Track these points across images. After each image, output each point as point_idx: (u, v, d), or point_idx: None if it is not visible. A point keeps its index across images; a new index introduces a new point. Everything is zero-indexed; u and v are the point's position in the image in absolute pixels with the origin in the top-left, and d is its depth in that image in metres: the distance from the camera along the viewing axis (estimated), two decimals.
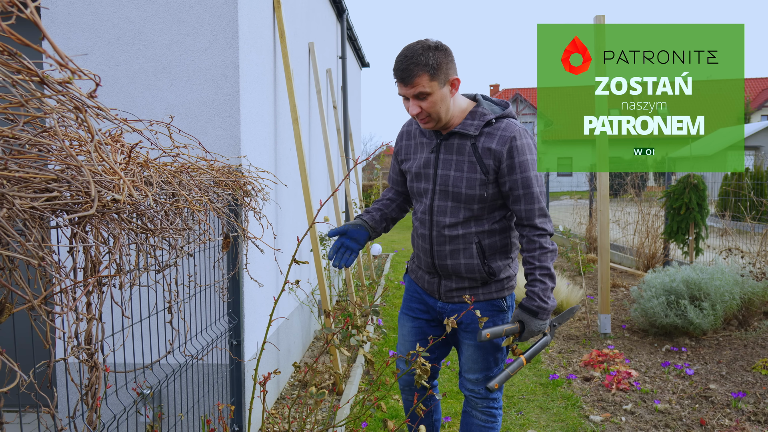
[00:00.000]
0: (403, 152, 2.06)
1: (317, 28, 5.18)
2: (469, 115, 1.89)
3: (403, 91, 1.77)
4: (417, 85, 1.73)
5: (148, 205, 1.36)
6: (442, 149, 1.91)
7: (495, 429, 2.10)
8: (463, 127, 1.86)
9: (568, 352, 4.33)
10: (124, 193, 1.15)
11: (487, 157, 1.83)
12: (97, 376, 1.36)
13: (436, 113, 1.80)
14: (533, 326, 1.82)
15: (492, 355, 2.01)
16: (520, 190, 1.83)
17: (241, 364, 2.66)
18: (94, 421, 1.40)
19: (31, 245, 1.01)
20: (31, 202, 1.03)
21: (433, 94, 1.75)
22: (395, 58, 1.78)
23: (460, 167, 1.86)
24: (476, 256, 1.91)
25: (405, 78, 1.73)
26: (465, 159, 1.86)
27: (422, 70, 1.71)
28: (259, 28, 3.14)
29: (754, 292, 4.40)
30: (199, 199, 1.69)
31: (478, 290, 1.97)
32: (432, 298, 2.07)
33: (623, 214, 8.66)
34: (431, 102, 1.77)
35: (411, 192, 2.05)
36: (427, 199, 1.94)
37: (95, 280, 1.29)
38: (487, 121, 1.86)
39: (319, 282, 3.58)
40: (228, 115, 2.74)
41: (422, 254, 2.00)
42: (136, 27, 2.72)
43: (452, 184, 1.87)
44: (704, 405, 3.27)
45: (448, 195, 1.89)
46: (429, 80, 1.73)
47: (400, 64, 1.74)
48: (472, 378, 2.04)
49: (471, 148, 1.85)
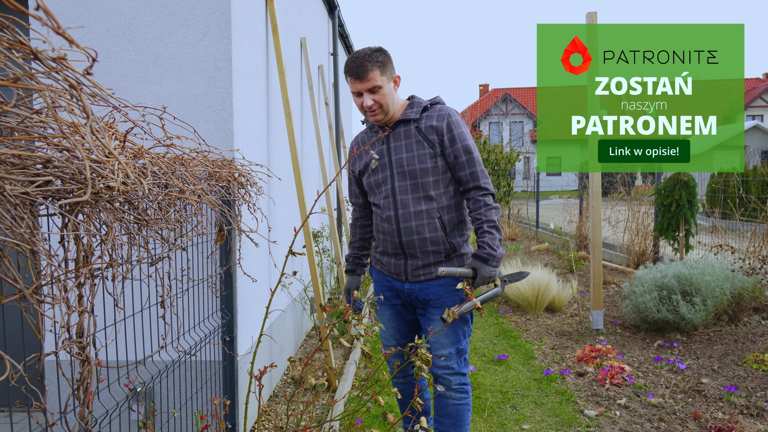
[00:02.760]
0: (356, 161, 2.30)
1: (309, 24, 5.14)
2: (408, 107, 2.21)
3: (358, 86, 2.05)
4: (371, 79, 2.02)
5: (142, 194, 1.33)
6: (391, 139, 2.18)
7: (468, 406, 2.22)
8: (406, 115, 2.16)
9: (561, 347, 4.34)
10: (118, 179, 1.11)
11: (431, 133, 2.12)
12: (89, 370, 1.33)
13: (386, 104, 2.09)
14: (485, 272, 2.01)
15: (461, 328, 2.17)
16: (462, 157, 2.11)
17: (234, 361, 2.62)
18: (86, 416, 1.36)
19: (22, 232, 0.98)
20: (22, 187, 1.00)
21: (383, 87, 2.06)
22: (347, 61, 2.08)
23: (410, 148, 2.13)
24: (439, 229, 2.13)
25: (360, 73, 2.02)
26: (412, 140, 2.13)
27: (374, 66, 2.02)
28: (252, 21, 3.10)
29: (744, 288, 4.43)
30: (193, 190, 1.66)
31: (443, 265, 2.15)
32: (399, 282, 2.25)
33: (613, 212, 8.71)
34: (381, 94, 2.06)
35: (370, 188, 2.25)
36: (388, 185, 2.17)
37: (87, 271, 1.26)
38: (424, 107, 2.18)
39: (312, 278, 3.55)
40: (221, 108, 2.70)
41: (388, 236, 2.19)
42: (127, 18, 2.68)
43: (407, 164, 2.12)
44: (697, 399, 3.29)
45: (405, 174, 2.13)
46: (380, 75, 2.03)
47: (354, 63, 2.03)
48: (444, 353, 2.15)
49: (415, 129, 2.14)
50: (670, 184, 5.95)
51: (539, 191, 12.81)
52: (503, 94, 32.23)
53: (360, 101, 2.10)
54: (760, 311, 4.68)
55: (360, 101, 2.10)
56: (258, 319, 3.14)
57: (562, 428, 2.97)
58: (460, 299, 2.14)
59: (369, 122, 2.29)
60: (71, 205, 1.13)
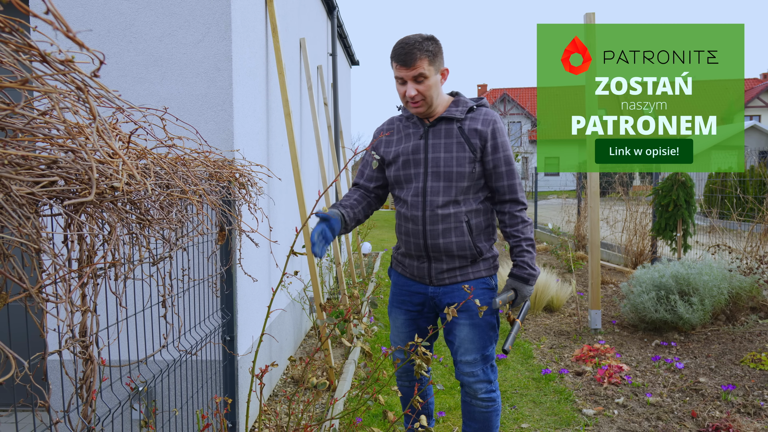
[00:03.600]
0: (382, 146, 2.17)
1: (308, 25, 5.15)
2: (452, 104, 2.09)
3: (404, 73, 1.93)
4: (418, 67, 1.90)
5: (145, 194, 1.34)
6: (430, 135, 2.06)
7: (497, 411, 2.14)
8: (449, 113, 2.05)
9: (560, 347, 4.36)
10: (122, 180, 1.13)
11: (474, 137, 2.02)
12: (92, 369, 1.34)
13: (429, 97, 1.98)
14: (525, 292, 2.01)
15: (487, 334, 2.10)
16: (503, 167, 2.04)
17: (235, 360, 2.63)
18: (89, 414, 1.37)
19: (27, 231, 0.99)
20: (28, 187, 1.01)
21: (429, 78, 1.94)
22: (395, 46, 1.96)
23: (449, 148, 2.03)
24: (466, 233, 2.04)
25: (408, 60, 1.90)
26: (453, 141, 2.03)
27: (423, 55, 1.90)
28: (252, 22, 3.12)
29: (742, 287, 4.46)
30: (195, 190, 1.67)
31: (468, 269, 2.08)
32: (422, 285, 2.15)
33: (611, 212, 8.74)
34: (427, 86, 1.95)
35: (397, 181, 2.13)
36: (419, 182, 2.05)
37: (91, 271, 1.27)
38: (470, 107, 2.07)
39: (312, 277, 3.56)
40: (221, 109, 2.71)
41: (412, 238, 2.08)
42: (127, 19, 2.69)
43: (444, 165, 2.01)
44: (695, 398, 3.30)
45: (440, 176, 2.02)
46: (428, 65, 1.92)
47: (403, 48, 1.91)
48: (469, 359, 2.08)
49: (458, 130, 2.03)
50: (667, 184, 5.97)
51: (537, 191, 12.82)
52: (501, 94, 32.27)
53: (403, 89, 1.98)
54: (757, 311, 4.71)
55: (403, 89, 1.98)
56: (258, 319, 3.15)
57: (561, 427, 2.99)
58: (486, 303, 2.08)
59: (407, 111, 2.17)
60: (75, 205, 1.15)
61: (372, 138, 2.23)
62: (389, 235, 12.86)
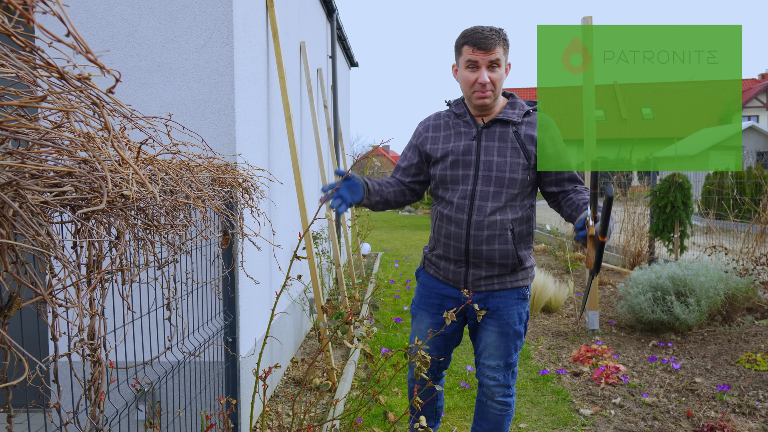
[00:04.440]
0: (429, 143, 2.09)
1: (308, 28, 5.19)
2: (508, 105, 2.03)
3: (480, 56, 1.87)
4: (495, 52, 1.87)
5: (154, 201, 1.38)
6: (483, 137, 1.99)
7: (510, 416, 2.15)
8: (506, 115, 1.98)
9: (558, 348, 4.40)
10: (133, 188, 1.16)
11: (530, 143, 1.96)
12: (100, 371, 1.38)
13: (499, 88, 1.94)
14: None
15: (513, 342, 2.08)
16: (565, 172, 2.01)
17: (237, 361, 2.67)
18: (97, 416, 1.41)
19: (42, 240, 1.03)
20: (42, 196, 1.05)
21: (501, 67, 1.91)
22: (468, 31, 1.92)
23: (503, 153, 1.96)
24: (510, 242, 1.98)
25: (487, 44, 1.86)
26: (508, 145, 1.96)
27: (500, 42, 1.88)
28: (253, 27, 3.15)
29: (738, 288, 4.50)
30: (200, 196, 1.71)
31: (506, 278, 2.04)
32: (455, 290, 2.09)
33: None
34: (499, 74, 1.91)
35: (442, 181, 2.05)
36: (468, 185, 1.98)
37: (101, 276, 1.31)
38: (526, 111, 2.01)
39: (312, 279, 3.60)
40: (223, 114, 2.75)
41: (453, 241, 2.01)
42: (131, 25, 2.72)
43: (496, 169, 1.95)
44: (690, 398, 3.35)
45: (491, 180, 1.95)
46: (503, 52, 1.90)
47: (482, 33, 1.88)
48: (492, 364, 2.08)
49: (514, 135, 1.97)
50: (665, 185, 6.02)
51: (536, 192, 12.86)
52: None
53: (474, 76, 1.90)
54: (753, 311, 4.75)
55: (474, 76, 1.90)
56: (259, 321, 3.19)
57: (558, 427, 3.03)
58: (518, 313, 2.07)
59: (458, 107, 2.08)
60: (86, 213, 1.18)
61: (416, 131, 2.13)
62: (389, 236, 12.90)
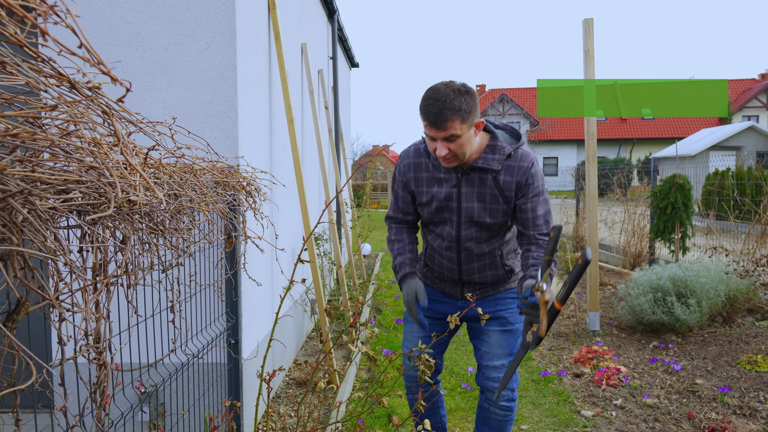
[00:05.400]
0: (413, 184, 2.06)
1: (309, 29, 5.20)
2: (488, 149, 1.93)
3: (435, 133, 1.78)
4: (450, 128, 1.74)
5: (160, 206, 1.39)
6: (463, 183, 1.96)
7: (512, 420, 2.18)
8: (486, 162, 1.91)
9: (558, 349, 4.41)
10: (140, 194, 1.17)
11: (509, 189, 1.93)
12: (105, 374, 1.39)
13: (462, 154, 1.84)
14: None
15: (515, 340, 2.14)
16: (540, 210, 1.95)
17: (239, 363, 2.68)
18: (103, 418, 1.42)
19: (51, 245, 1.04)
20: (50, 202, 1.06)
21: (462, 136, 1.78)
22: (423, 101, 1.79)
23: (482, 199, 1.95)
24: (500, 266, 2.08)
25: (438, 122, 1.74)
26: (487, 192, 1.93)
27: (455, 115, 1.73)
28: (255, 29, 3.16)
29: (739, 290, 4.51)
30: (204, 200, 1.72)
31: (500, 285, 2.16)
32: (452, 299, 2.20)
33: (610, 213, 8.80)
34: (459, 144, 1.79)
35: (430, 221, 2.09)
36: (453, 229, 2.02)
37: (107, 280, 1.31)
38: (507, 154, 1.92)
39: (314, 280, 3.61)
40: (226, 116, 2.76)
41: (446, 271, 2.11)
42: (134, 28, 2.73)
43: (477, 215, 1.96)
44: (691, 399, 3.36)
45: (473, 223, 1.98)
46: (460, 123, 1.75)
47: (433, 108, 1.74)
48: (496, 365, 2.10)
49: (492, 181, 1.93)
50: (665, 186, 6.02)
51: None
52: (500, 94, 32.33)
53: (433, 146, 1.84)
54: (753, 312, 4.76)
55: (433, 146, 1.84)
56: (261, 323, 3.20)
57: (560, 428, 3.04)
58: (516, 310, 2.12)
59: None
60: (94, 219, 1.19)
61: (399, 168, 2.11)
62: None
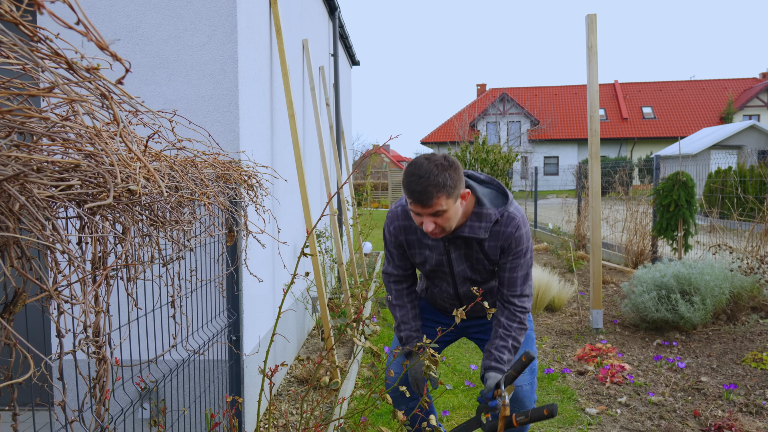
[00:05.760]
0: (407, 246, 2.06)
1: (310, 26, 5.17)
2: (474, 216, 1.90)
3: (420, 210, 1.75)
4: (436, 205, 1.71)
5: (160, 197, 1.36)
6: (451, 250, 1.98)
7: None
8: (472, 231, 1.89)
9: (562, 347, 4.38)
10: (140, 183, 1.15)
11: (494, 253, 1.94)
12: (105, 369, 1.36)
13: (449, 226, 1.81)
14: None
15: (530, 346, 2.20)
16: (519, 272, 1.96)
17: (241, 360, 2.65)
18: (103, 414, 1.39)
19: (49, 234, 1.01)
20: (48, 190, 1.03)
21: (449, 210, 1.75)
22: (406, 177, 1.75)
23: (470, 259, 1.97)
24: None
25: (424, 200, 1.70)
26: (473, 254, 1.96)
27: (441, 191, 1.70)
28: (257, 24, 3.13)
29: (743, 287, 4.48)
30: (205, 192, 1.69)
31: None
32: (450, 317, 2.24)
33: (612, 211, 8.76)
34: (446, 218, 1.77)
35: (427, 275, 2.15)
36: (450, 286, 2.09)
37: (107, 272, 1.29)
38: (495, 220, 1.90)
39: (316, 277, 3.58)
40: (227, 111, 2.73)
41: (448, 304, 2.18)
42: (134, 22, 2.70)
43: (470, 274, 2.02)
44: (697, 397, 3.33)
45: (468, 280, 2.05)
46: (446, 199, 1.72)
47: (417, 185, 1.70)
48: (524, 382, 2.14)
49: (478, 245, 1.93)
50: (668, 184, 5.99)
51: (537, 191, 12.85)
52: (500, 93, 32.29)
53: (419, 220, 1.80)
54: (758, 310, 4.73)
55: (419, 220, 1.80)
56: (263, 319, 3.17)
57: (564, 426, 3.01)
58: None
59: None
60: (92, 208, 1.17)
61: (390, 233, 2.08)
62: None
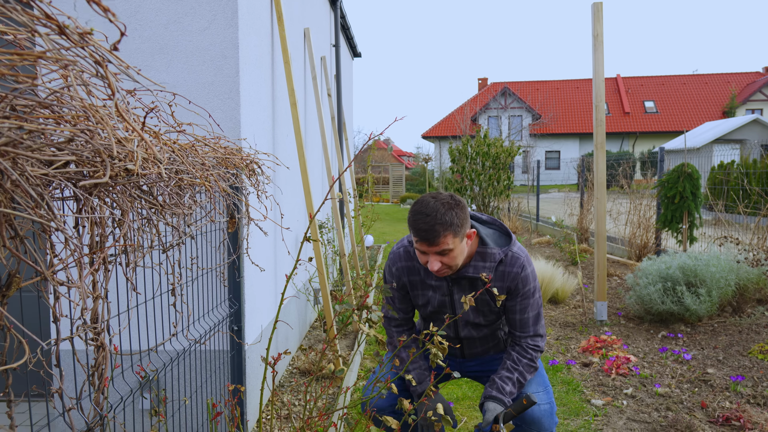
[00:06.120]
0: (409, 287, 2.03)
1: (312, 15, 5.11)
2: (478, 256, 1.88)
3: (426, 249, 1.73)
4: (442, 244, 1.70)
5: (159, 179, 1.32)
6: (454, 291, 1.95)
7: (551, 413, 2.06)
8: (476, 271, 1.87)
9: (566, 338, 4.34)
10: (137, 161, 1.10)
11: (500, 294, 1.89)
12: (103, 356, 1.32)
13: (455, 265, 1.79)
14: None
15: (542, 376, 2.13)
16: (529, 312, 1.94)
17: (242, 350, 2.61)
18: (101, 402, 1.35)
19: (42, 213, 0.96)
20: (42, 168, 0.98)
21: (455, 249, 1.74)
22: (413, 215, 1.73)
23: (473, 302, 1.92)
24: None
25: (431, 239, 1.69)
26: (477, 297, 1.90)
27: (447, 230, 1.68)
28: (258, 9, 3.08)
29: (749, 279, 4.43)
30: (206, 176, 1.64)
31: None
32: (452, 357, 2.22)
33: (615, 204, 8.71)
34: (452, 257, 1.75)
35: (428, 317, 2.08)
36: (450, 331, 2.06)
37: (104, 255, 1.24)
38: (499, 260, 1.89)
39: (318, 267, 3.54)
40: (228, 97, 2.68)
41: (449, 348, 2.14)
42: (133, 6, 2.65)
43: (472, 319, 1.99)
44: (703, 389, 3.29)
45: (469, 324, 2.02)
46: (452, 238, 1.70)
47: (423, 224, 1.69)
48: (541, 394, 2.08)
49: (482, 285, 1.89)
50: (673, 176, 5.94)
51: (539, 185, 12.79)
52: (502, 87, 32.14)
53: (424, 259, 1.79)
54: (764, 303, 4.69)
55: (424, 259, 1.79)
56: (264, 309, 3.13)
57: (570, 417, 2.97)
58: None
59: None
60: (88, 188, 1.12)
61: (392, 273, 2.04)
62: (391, 228, 12.85)
